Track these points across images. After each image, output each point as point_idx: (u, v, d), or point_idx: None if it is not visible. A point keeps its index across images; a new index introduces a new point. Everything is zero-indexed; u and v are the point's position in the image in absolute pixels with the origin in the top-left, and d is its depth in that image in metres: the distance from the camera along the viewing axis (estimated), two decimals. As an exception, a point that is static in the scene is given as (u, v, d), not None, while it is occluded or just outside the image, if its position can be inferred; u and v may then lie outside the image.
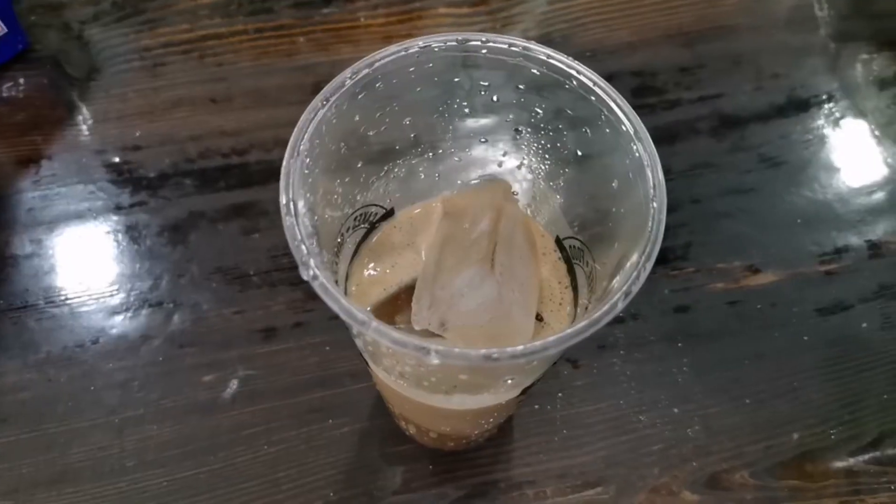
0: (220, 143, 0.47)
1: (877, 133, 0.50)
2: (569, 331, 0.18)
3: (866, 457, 0.39)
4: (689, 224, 0.45)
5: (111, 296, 0.42)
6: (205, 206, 0.45)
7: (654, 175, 0.21)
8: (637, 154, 0.21)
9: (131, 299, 0.42)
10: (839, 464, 0.39)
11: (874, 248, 0.45)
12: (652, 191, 0.20)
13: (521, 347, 0.18)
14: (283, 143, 0.47)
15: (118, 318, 0.41)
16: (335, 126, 0.23)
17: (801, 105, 0.51)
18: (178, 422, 0.38)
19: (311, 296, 0.41)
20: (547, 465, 0.38)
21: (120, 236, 0.44)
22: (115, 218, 0.44)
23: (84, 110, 0.49)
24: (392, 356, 0.22)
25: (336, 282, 0.21)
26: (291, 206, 0.20)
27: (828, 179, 0.48)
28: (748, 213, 0.46)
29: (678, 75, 0.52)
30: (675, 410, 0.40)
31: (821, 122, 0.50)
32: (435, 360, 0.18)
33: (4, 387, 0.39)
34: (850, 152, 0.49)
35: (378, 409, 0.39)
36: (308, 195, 0.21)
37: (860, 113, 0.51)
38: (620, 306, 0.19)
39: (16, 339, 0.40)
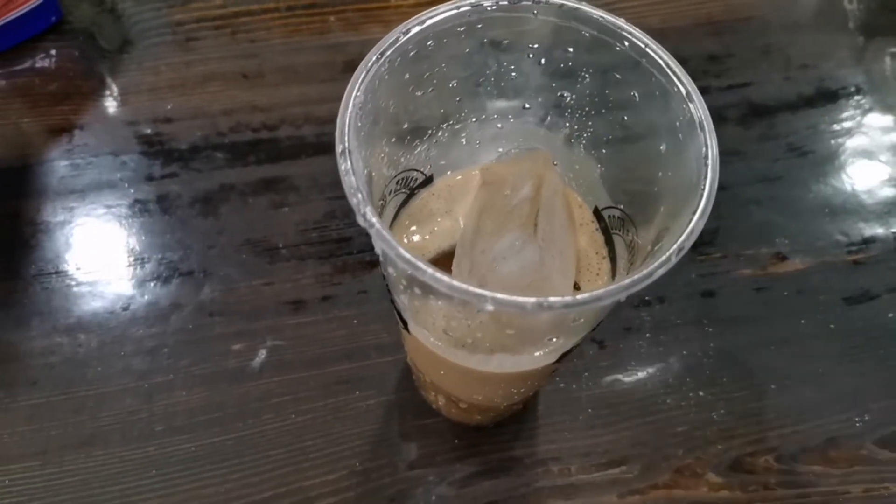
0: (250, 118, 0.47)
1: (905, 126, 0.50)
2: (622, 283, 0.19)
3: (892, 445, 0.39)
4: (717, 210, 0.44)
5: (141, 264, 0.42)
6: (235, 180, 0.45)
7: (708, 133, 0.21)
8: (689, 114, 0.21)
9: (161, 268, 0.42)
10: (864, 451, 0.39)
11: (902, 239, 0.45)
12: (705, 149, 0.21)
13: (573, 297, 0.18)
14: (313, 120, 0.48)
15: (148, 286, 0.41)
16: (387, 82, 0.23)
17: (830, 96, 0.51)
18: (207, 389, 0.38)
19: (339, 270, 0.42)
20: (572, 443, 0.38)
21: (151, 206, 0.44)
22: (146, 188, 0.44)
23: (116, 83, 0.49)
24: (438, 311, 0.22)
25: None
26: (347, 153, 0.20)
27: (855, 170, 0.48)
28: (776, 200, 0.46)
29: (707, 63, 0.52)
30: (701, 393, 0.40)
31: (849, 113, 0.50)
32: (489, 307, 0.18)
33: (34, 351, 0.40)
34: (877, 144, 0.49)
35: (404, 383, 0.39)
36: (360, 149, 0.21)
37: (888, 106, 0.51)
38: (674, 261, 0.19)
39: (46, 305, 0.41)
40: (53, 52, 0.50)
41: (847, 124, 0.50)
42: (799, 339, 0.41)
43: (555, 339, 0.23)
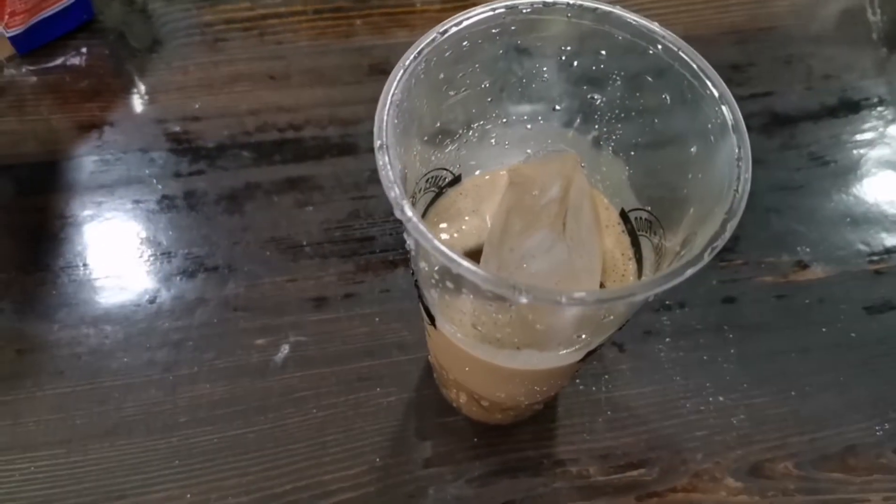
0: (276, 119, 0.48)
1: (928, 138, 0.50)
2: (655, 278, 0.19)
3: (911, 455, 0.39)
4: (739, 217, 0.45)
5: (168, 259, 0.43)
6: (261, 178, 0.46)
7: (740, 135, 0.21)
8: (722, 117, 0.22)
9: (187, 263, 0.43)
10: (883, 460, 0.39)
11: (924, 250, 0.45)
12: (737, 150, 0.21)
13: (607, 291, 0.19)
14: (338, 121, 0.49)
15: (174, 281, 0.42)
16: (423, 81, 0.23)
17: (852, 107, 0.51)
18: (230, 382, 0.39)
19: (362, 268, 0.42)
20: (590, 445, 0.38)
21: (178, 202, 0.45)
22: (173, 184, 0.45)
23: (145, 81, 0.50)
24: (469, 305, 0.23)
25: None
26: (385, 148, 0.20)
27: (876, 181, 0.48)
28: (797, 209, 0.46)
29: (730, 72, 0.52)
30: (721, 399, 0.40)
31: (871, 124, 0.50)
32: (524, 300, 0.19)
33: (61, 341, 0.40)
34: (899, 156, 0.49)
35: (425, 381, 0.39)
36: (396, 145, 0.22)
37: (911, 118, 0.51)
38: (706, 259, 0.19)
39: (74, 297, 0.42)
40: (84, 50, 0.51)
41: (869, 135, 0.50)
42: (819, 347, 0.41)
43: (583, 336, 0.24)
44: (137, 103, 0.49)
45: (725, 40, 0.53)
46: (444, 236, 0.29)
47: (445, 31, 0.23)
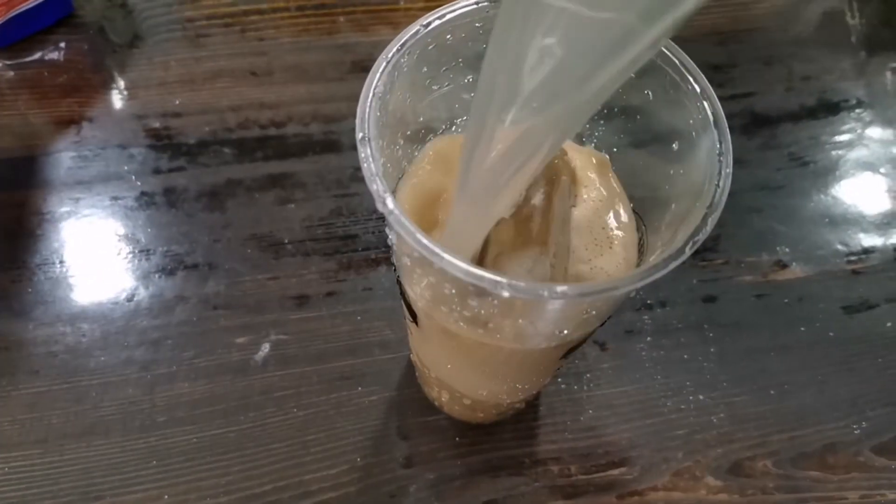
0: (258, 115, 0.48)
1: (905, 140, 0.50)
2: (636, 272, 0.19)
3: (889, 453, 0.39)
4: (720, 216, 0.46)
5: (147, 256, 0.42)
6: (242, 175, 0.45)
7: (722, 130, 0.21)
8: (704, 112, 0.22)
9: (167, 260, 0.42)
10: (861, 458, 0.39)
11: (900, 250, 0.45)
12: (718, 144, 0.21)
13: (588, 285, 0.19)
14: (321, 118, 0.48)
15: (153, 278, 0.41)
16: (405, 74, 0.23)
17: (831, 108, 0.52)
18: (210, 381, 0.38)
19: (344, 266, 0.42)
20: (572, 444, 0.38)
21: (157, 199, 0.44)
22: (153, 181, 0.45)
23: (125, 76, 0.49)
24: (451, 299, 0.23)
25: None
26: (367, 140, 0.20)
27: (855, 182, 0.48)
28: (777, 209, 0.47)
29: (711, 73, 0.52)
30: (701, 397, 0.40)
31: (849, 125, 0.51)
32: (505, 293, 0.18)
33: (37, 339, 0.40)
34: (877, 156, 0.49)
35: (407, 380, 0.39)
36: (378, 138, 0.22)
37: (888, 120, 0.51)
38: (687, 253, 0.19)
39: (50, 294, 0.41)
40: (63, 44, 0.50)
41: (848, 136, 0.50)
42: (798, 346, 0.42)
43: (565, 332, 0.24)
44: (117, 99, 0.48)
45: (707, 41, 0.54)
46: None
47: (429, 24, 0.23)
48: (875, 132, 0.51)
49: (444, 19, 0.23)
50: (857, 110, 0.52)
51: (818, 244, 0.45)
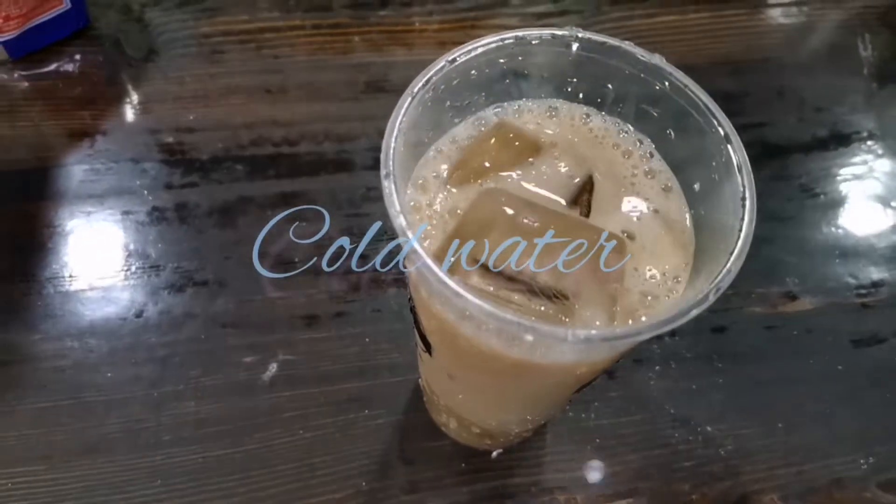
0: (272, 133, 0.48)
1: (915, 173, 0.50)
2: (660, 319, 0.19)
3: (895, 489, 0.39)
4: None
5: (157, 272, 0.42)
6: (254, 192, 0.45)
7: (745, 176, 0.21)
8: (727, 156, 0.22)
9: (176, 277, 0.42)
10: (868, 494, 0.39)
11: (910, 284, 0.45)
12: (742, 190, 0.21)
13: (611, 330, 0.19)
14: (334, 137, 0.48)
15: (162, 294, 0.41)
16: (429, 108, 0.23)
17: (843, 140, 0.52)
18: (217, 400, 0.38)
19: (354, 287, 0.42)
20: (579, 473, 0.38)
21: (169, 214, 0.44)
22: (165, 196, 0.45)
23: (140, 90, 0.49)
24: (469, 334, 0.22)
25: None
26: (392, 177, 0.20)
27: (865, 214, 0.48)
28: (787, 240, 0.47)
29: (723, 102, 0.52)
30: (709, 429, 0.40)
31: (860, 157, 0.51)
32: (529, 338, 0.18)
33: (45, 354, 0.39)
34: (888, 189, 0.49)
35: (414, 404, 0.39)
36: (404, 172, 0.22)
37: (899, 153, 0.52)
38: (711, 299, 0.19)
39: (59, 308, 0.41)
40: (78, 57, 0.50)
41: (859, 168, 0.50)
42: (807, 379, 0.42)
43: (582, 371, 0.24)
44: (131, 112, 0.48)
45: (719, 70, 0.54)
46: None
47: (454, 60, 0.23)
48: (886, 164, 0.51)
49: (469, 55, 0.23)
50: (869, 142, 0.52)
51: (828, 276, 0.45)
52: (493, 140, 0.25)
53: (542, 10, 0.56)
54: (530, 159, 0.25)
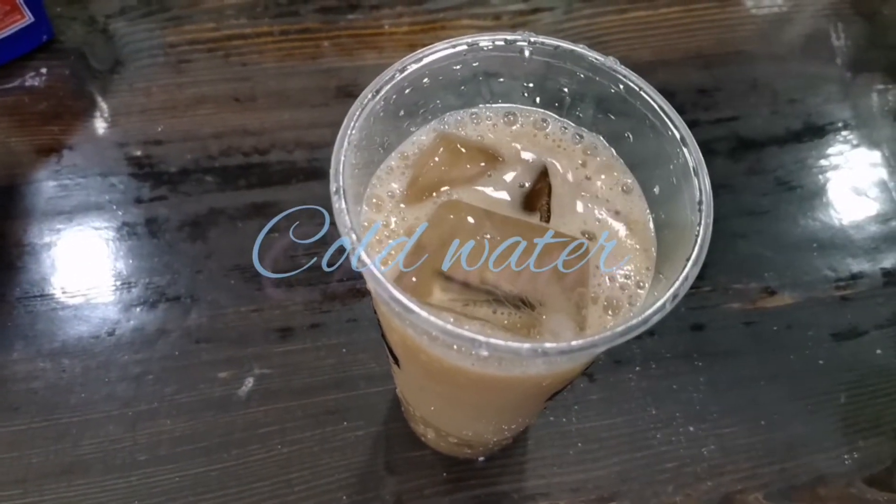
0: (241, 142, 0.47)
1: (892, 162, 0.50)
2: (617, 329, 0.18)
3: (880, 484, 0.39)
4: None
5: (128, 288, 0.41)
6: (225, 204, 0.45)
7: (702, 180, 0.21)
8: (683, 158, 0.21)
9: (148, 293, 0.41)
10: (853, 490, 0.39)
11: (889, 275, 0.45)
12: (699, 194, 0.21)
13: (568, 343, 0.18)
14: (305, 145, 0.48)
15: (135, 311, 0.41)
16: (381, 119, 0.23)
17: (817, 131, 0.51)
18: (193, 417, 0.38)
19: (329, 297, 0.41)
20: (561, 478, 0.38)
21: (139, 229, 0.43)
22: (134, 211, 0.44)
23: (107, 103, 0.49)
24: (431, 351, 0.22)
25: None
26: (342, 192, 0.20)
27: (842, 206, 0.48)
28: (764, 235, 0.46)
29: (696, 97, 0.52)
30: (691, 429, 0.40)
31: (836, 148, 0.51)
32: (484, 352, 0.18)
33: (17, 375, 0.39)
34: (864, 180, 0.49)
35: (393, 414, 0.39)
36: (355, 185, 0.21)
37: (874, 142, 0.51)
38: (668, 307, 0.19)
39: (30, 328, 0.40)
40: (44, 70, 0.50)
41: (834, 159, 0.50)
42: (788, 375, 0.41)
43: (545, 383, 0.23)
44: (98, 126, 0.48)
45: (692, 64, 0.54)
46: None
47: (405, 69, 0.23)
48: (862, 155, 0.50)
49: (421, 63, 0.23)
50: (844, 132, 0.51)
51: (806, 270, 0.45)
52: (441, 153, 0.24)
53: (513, 8, 0.55)
54: (484, 167, 0.24)
